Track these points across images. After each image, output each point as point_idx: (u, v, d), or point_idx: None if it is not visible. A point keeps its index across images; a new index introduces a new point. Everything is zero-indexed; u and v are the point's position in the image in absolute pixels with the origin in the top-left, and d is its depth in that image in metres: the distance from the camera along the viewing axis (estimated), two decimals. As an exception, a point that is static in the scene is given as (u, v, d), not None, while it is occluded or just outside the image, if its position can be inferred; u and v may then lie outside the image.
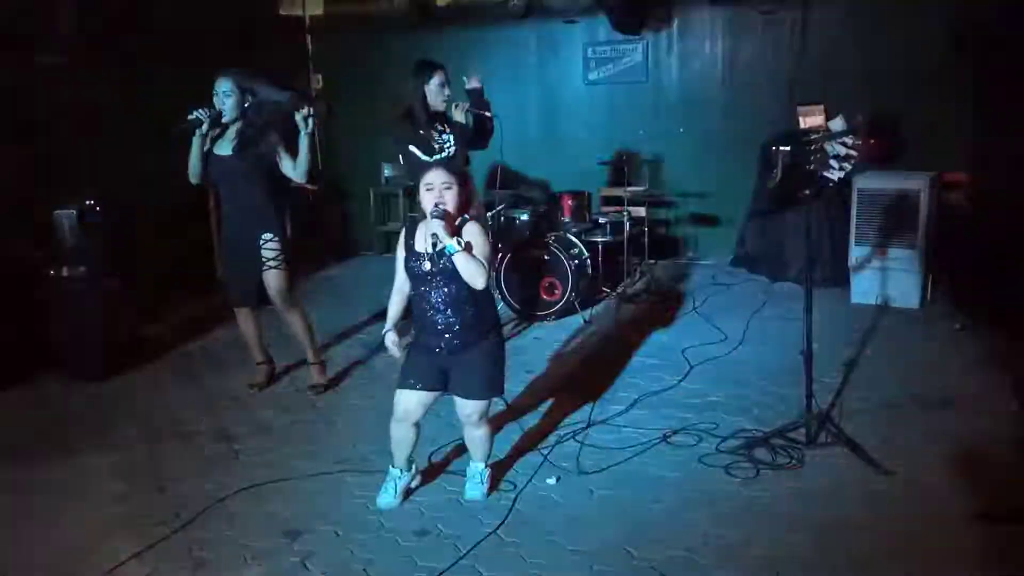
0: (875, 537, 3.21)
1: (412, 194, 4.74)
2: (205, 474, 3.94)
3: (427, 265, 3.34)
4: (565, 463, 3.92)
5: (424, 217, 3.37)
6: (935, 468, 3.73)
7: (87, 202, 5.26)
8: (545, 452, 4.04)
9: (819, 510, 3.42)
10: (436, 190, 3.32)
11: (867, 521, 3.32)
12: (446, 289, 3.34)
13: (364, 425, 4.42)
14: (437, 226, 3.24)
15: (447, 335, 3.39)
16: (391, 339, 3.52)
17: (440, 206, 3.28)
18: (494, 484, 3.69)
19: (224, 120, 4.54)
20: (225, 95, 4.51)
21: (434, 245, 3.30)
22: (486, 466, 3.68)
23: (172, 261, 6.82)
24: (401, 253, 3.48)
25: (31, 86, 5.79)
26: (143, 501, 3.71)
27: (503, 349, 3.56)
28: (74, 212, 5.21)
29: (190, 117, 4.42)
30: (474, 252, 3.30)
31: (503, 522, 3.41)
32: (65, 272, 5.18)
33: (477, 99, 5.09)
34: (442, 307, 3.36)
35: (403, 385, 3.50)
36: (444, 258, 3.29)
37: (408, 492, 3.66)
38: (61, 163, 5.92)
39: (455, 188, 3.33)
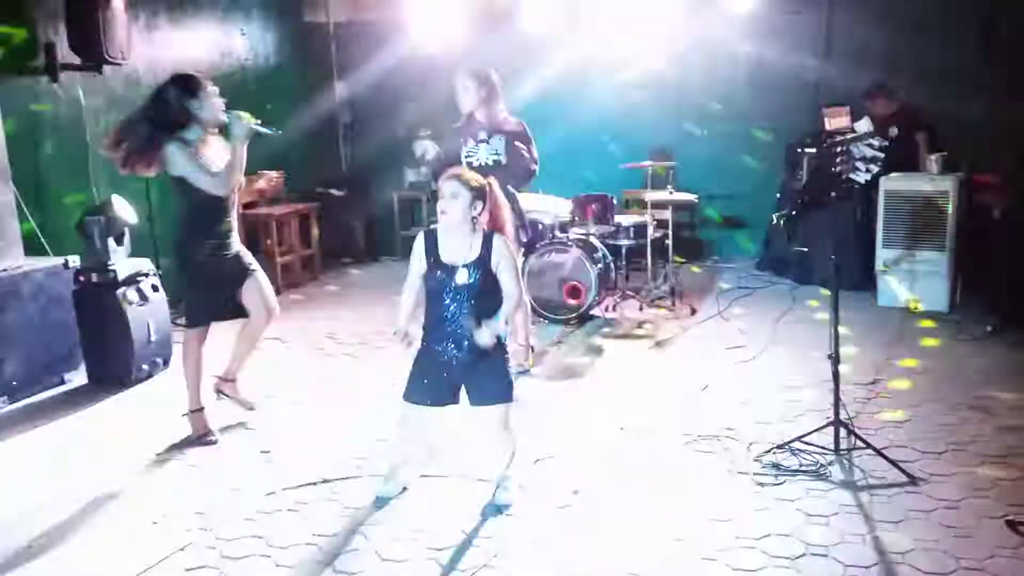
0: (903, 544, 3.16)
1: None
2: (234, 478, 3.98)
3: (461, 277, 3.35)
4: (588, 468, 3.91)
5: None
6: (964, 475, 3.68)
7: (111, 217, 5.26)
8: (568, 456, 4.03)
9: (846, 517, 3.38)
10: (444, 198, 3.37)
11: (894, 528, 3.28)
12: (472, 302, 3.37)
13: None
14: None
15: (466, 344, 3.39)
16: (409, 337, 3.46)
17: (444, 213, 3.35)
18: (518, 488, 3.69)
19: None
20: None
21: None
22: (511, 472, 3.68)
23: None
24: (420, 264, 3.46)
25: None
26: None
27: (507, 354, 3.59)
28: (103, 219, 5.26)
29: None
30: (503, 271, 3.37)
31: (531, 525, 3.41)
32: (95, 278, 5.25)
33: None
34: (466, 318, 3.38)
35: (412, 400, 3.50)
36: (473, 272, 3.35)
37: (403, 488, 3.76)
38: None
39: (462, 198, 3.34)
